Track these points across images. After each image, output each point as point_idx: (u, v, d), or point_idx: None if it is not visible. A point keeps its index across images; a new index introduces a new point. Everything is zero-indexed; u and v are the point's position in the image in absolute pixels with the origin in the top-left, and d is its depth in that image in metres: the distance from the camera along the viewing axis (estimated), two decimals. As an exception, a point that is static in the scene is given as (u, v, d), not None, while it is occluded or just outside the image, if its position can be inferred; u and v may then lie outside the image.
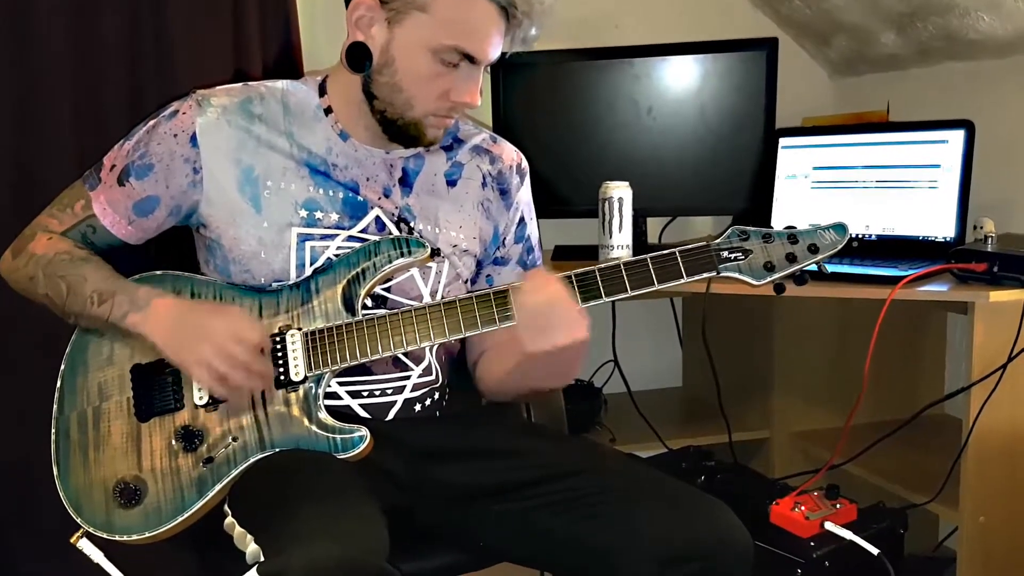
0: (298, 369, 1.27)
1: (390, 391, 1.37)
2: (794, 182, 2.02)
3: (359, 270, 1.31)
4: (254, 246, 1.32)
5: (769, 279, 1.25)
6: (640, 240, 2.04)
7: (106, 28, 1.78)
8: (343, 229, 1.34)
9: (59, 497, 1.28)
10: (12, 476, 1.79)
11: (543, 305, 1.21)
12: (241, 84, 1.37)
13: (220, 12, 1.85)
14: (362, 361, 1.27)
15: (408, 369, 1.38)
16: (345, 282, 1.31)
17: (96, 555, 1.26)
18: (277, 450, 1.26)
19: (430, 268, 1.38)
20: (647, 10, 2.37)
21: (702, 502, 1.22)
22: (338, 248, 1.33)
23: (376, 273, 1.31)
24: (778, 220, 2.02)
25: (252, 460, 1.25)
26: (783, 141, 2.05)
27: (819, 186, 2.00)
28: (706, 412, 2.18)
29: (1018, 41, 1.92)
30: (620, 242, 1.82)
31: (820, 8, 2.26)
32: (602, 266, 1.24)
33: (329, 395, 1.31)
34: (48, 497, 1.29)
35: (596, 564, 1.22)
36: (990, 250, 1.63)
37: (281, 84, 1.38)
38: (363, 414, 1.35)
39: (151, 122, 1.34)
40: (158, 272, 1.34)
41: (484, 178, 1.45)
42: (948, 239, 1.83)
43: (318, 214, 1.33)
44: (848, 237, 1.26)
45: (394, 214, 1.37)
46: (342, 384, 1.34)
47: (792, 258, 1.25)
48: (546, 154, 2.03)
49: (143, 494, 1.25)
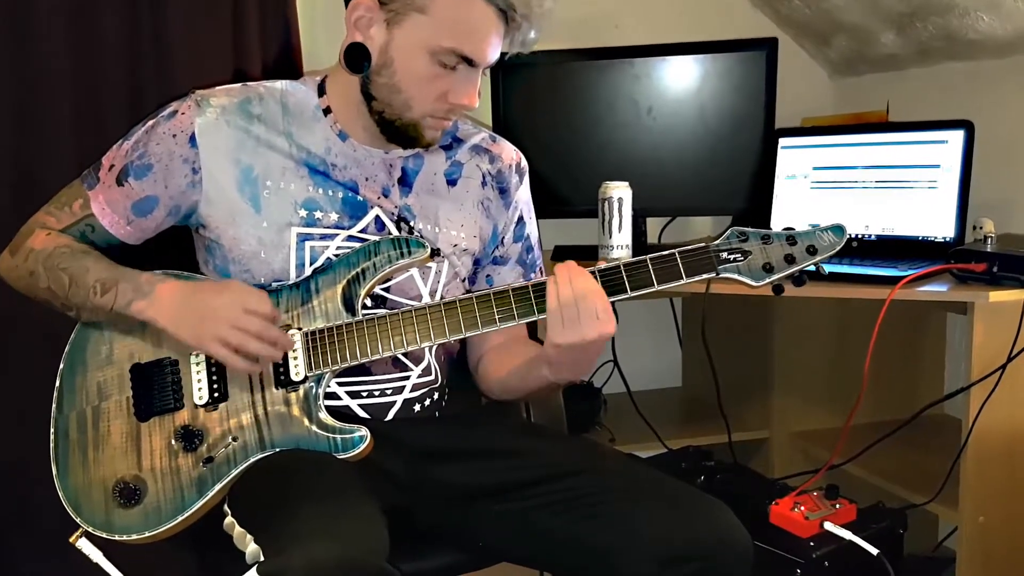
0: (298, 369, 1.27)
1: (389, 391, 1.37)
2: (794, 182, 2.02)
3: (359, 270, 1.31)
4: (254, 246, 1.32)
5: (768, 280, 1.26)
6: (640, 240, 2.03)
7: (106, 28, 1.78)
8: (343, 229, 1.34)
9: (59, 497, 1.28)
10: (12, 476, 1.79)
11: (574, 297, 1.20)
12: (240, 84, 1.37)
13: (220, 12, 1.85)
14: (362, 361, 1.27)
15: (407, 369, 1.38)
16: (345, 282, 1.31)
17: (95, 555, 1.26)
18: (277, 450, 1.26)
19: (429, 268, 1.38)
20: (647, 10, 2.37)
21: (702, 502, 1.22)
22: (338, 248, 1.33)
23: (376, 273, 1.31)
24: (778, 220, 2.02)
25: (252, 460, 1.25)
26: (783, 141, 2.05)
27: (819, 186, 2.00)
28: (706, 412, 2.18)
29: (1018, 41, 1.92)
30: (620, 242, 1.81)
31: (820, 8, 2.26)
32: (602, 267, 1.24)
33: (328, 395, 1.31)
34: (48, 497, 1.28)
35: (596, 564, 1.22)
36: (990, 250, 1.63)
37: (280, 84, 1.38)
38: (362, 414, 1.35)
39: (150, 122, 1.33)
40: (158, 272, 1.34)
41: (484, 177, 1.45)
42: (948, 239, 1.83)
43: (317, 214, 1.33)
44: (846, 239, 1.26)
45: (393, 214, 1.37)
46: (341, 384, 1.34)
47: (791, 259, 1.25)
48: (546, 154, 2.02)
49: (143, 494, 1.25)
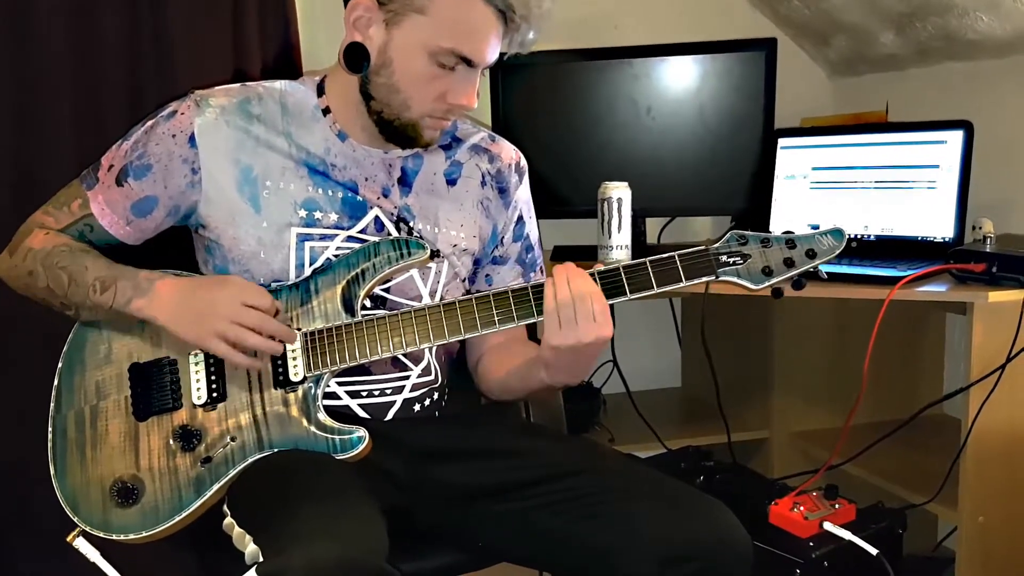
0: (297, 370, 1.27)
1: (389, 391, 1.37)
2: (793, 182, 2.02)
3: (358, 271, 1.31)
4: (253, 246, 1.32)
5: (767, 284, 1.26)
6: (639, 240, 2.04)
7: (106, 28, 1.78)
8: (342, 229, 1.34)
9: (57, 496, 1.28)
10: (12, 476, 1.79)
11: (571, 298, 1.19)
12: (239, 84, 1.37)
13: (219, 12, 1.85)
14: (361, 362, 1.27)
15: (407, 369, 1.38)
16: (345, 283, 1.31)
17: (92, 554, 1.25)
18: (275, 450, 1.26)
19: (429, 268, 1.38)
20: (647, 10, 2.37)
21: (701, 502, 1.22)
22: (337, 249, 1.33)
23: (376, 274, 1.31)
24: (777, 220, 2.02)
25: (250, 460, 1.25)
26: (782, 141, 2.05)
27: (818, 186, 2.00)
28: (705, 412, 2.18)
29: (1017, 41, 1.92)
30: (619, 242, 1.81)
31: (819, 8, 2.26)
32: (601, 270, 1.24)
33: (328, 395, 1.31)
34: (47, 497, 1.28)
35: (595, 564, 1.22)
36: (989, 250, 1.63)
37: (279, 84, 1.38)
38: (362, 414, 1.35)
39: (149, 122, 1.33)
40: (157, 271, 1.34)
41: (483, 177, 1.45)
42: (947, 239, 1.83)
43: (317, 214, 1.33)
44: (845, 243, 1.26)
45: (393, 214, 1.37)
46: (341, 384, 1.34)
47: (790, 263, 1.25)
48: (546, 154, 2.02)
49: (140, 493, 1.25)
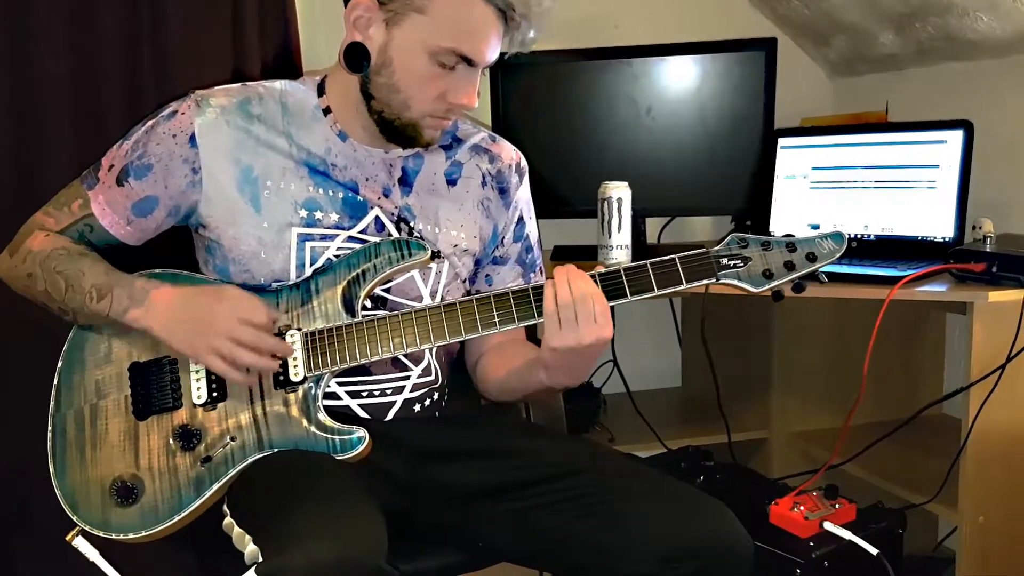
0: (297, 370, 1.27)
1: (389, 391, 1.37)
2: (793, 182, 2.02)
3: (359, 271, 1.31)
4: (254, 246, 1.32)
5: (768, 286, 1.26)
6: (639, 240, 2.04)
7: (106, 28, 1.78)
8: (343, 229, 1.34)
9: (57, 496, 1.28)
10: (12, 476, 1.79)
11: (572, 300, 1.19)
12: (239, 84, 1.37)
13: (219, 12, 1.85)
14: (361, 362, 1.27)
15: (407, 369, 1.38)
16: (345, 283, 1.30)
17: (92, 554, 1.25)
18: (275, 450, 1.25)
19: (430, 269, 1.38)
20: (647, 10, 2.37)
21: (701, 502, 1.22)
22: (338, 249, 1.33)
23: (376, 275, 1.31)
24: (777, 220, 2.03)
25: (250, 460, 1.25)
26: (782, 141, 2.05)
27: (818, 186, 2.00)
28: (705, 412, 2.18)
29: (1017, 41, 1.92)
30: (619, 242, 1.81)
31: (819, 8, 2.26)
32: (602, 271, 1.24)
33: (328, 395, 1.31)
34: (47, 497, 1.28)
35: (595, 564, 1.22)
36: (989, 250, 1.63)
37: (279, 84, 1.38)
38: (362, 414, 1.35)
39: (149, 122, 1.33)
40: (157, 271, 1.34)
41: (484, 177, 1.45)
42: (947, 239, 1.83)
43: (318, 214, 1.33)
44: (845, 246, 1.26)
45: (394, 214, 1.37)
46: (341, 384, 1.34)
47: (790, 266, 1.25)
48: (546, 154, 2.03)
49: (140, 493, 1.25)
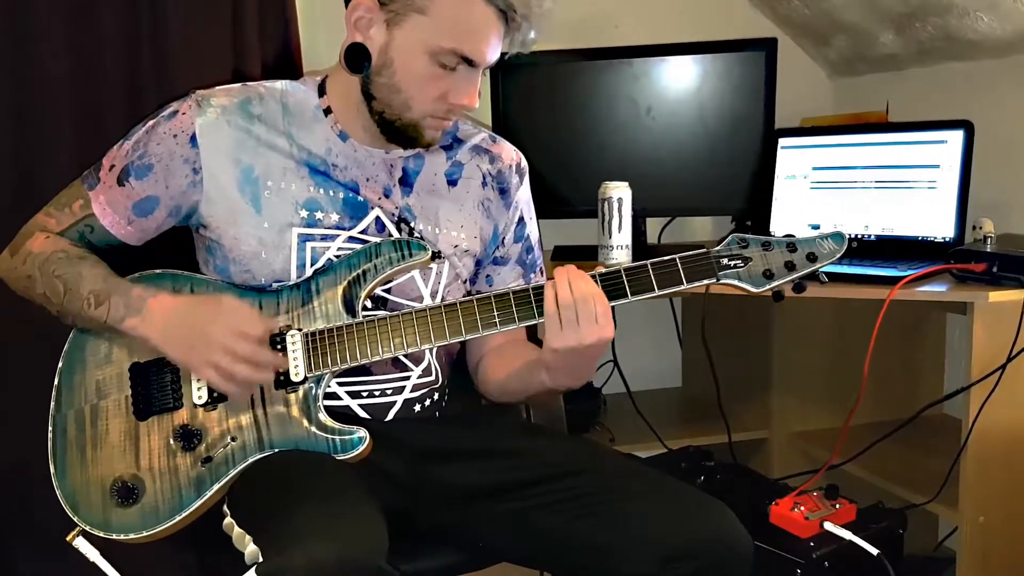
0: (298, 370, 1.27)
1: (390, 391, 1.37)
2: (793, 182, 2.02)
3: (360, 271, 1.31)
4: (254, 246, 1.32)
5: (768, 287, 1.26)
6: (639, 240, 2.03)
7: (106, 28, 1.78)
8: (343, 230, 1.34)
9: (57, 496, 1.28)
10: (12, 476, 1.79)
11: (573, 300, 1.19)
12: (240, 84, 1.37)
13: (219, 12, 1.85)
14: (362, 363, 1.27)
15: (408, 369, 1.38)
16: (346, 283, 1.30)
17: (92, 554, 1.25)
18: (276, 450, 1.25)
19: (431, 269, 1.38)
20: (647, 10, 2.37)
21: (702, 502, 1.22)
22: (339, 249, 1.33)
23: (377, 275, 1.31)
24: (777, 220, 2.03)
25: (251, 460, 1.25)
26: (782, 141, 2.05)
27: (818, 186, 2.00)
28: (705, 412, 2.18)
29: (1017, 41, 1.92)
30: (619, 242, 1.81)
31: (819, 8, 2.26)
32: (603, 272, 1.24)
33: (329, 395, 1.31)
34: (48, 497, 1.28)
35: (595, 563, 1.22)
36: (989, 250, 1.63)
37: (280, 84, 1.38)
38: (363, 414, 1.35)
39: (150, 122, 1.33)
40: (157, 271, 1.34)
41: (484, 177, 1.45)
42: (947, 239, 1.83)
43: (318, 214, 1.33)
44: (846, 246, 1.26)
45: (394, 214, 1.37)
46: (342, 384, 1.34)
47: (791, 266, 1.25)
48: (546, 154, 2.03)
49: (141, 493, 1.25)
